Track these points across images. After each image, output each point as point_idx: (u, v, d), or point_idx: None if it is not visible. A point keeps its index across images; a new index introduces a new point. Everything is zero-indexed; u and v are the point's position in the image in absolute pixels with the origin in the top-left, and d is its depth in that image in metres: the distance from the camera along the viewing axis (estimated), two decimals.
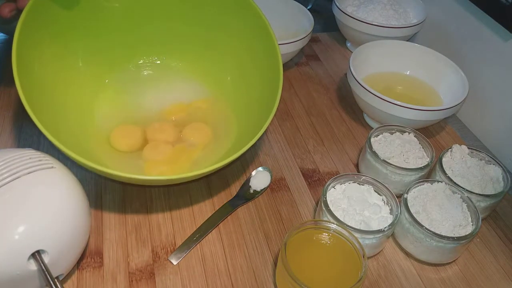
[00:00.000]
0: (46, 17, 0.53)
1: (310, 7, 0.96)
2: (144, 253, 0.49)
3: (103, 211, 0.53)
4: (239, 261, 0.50)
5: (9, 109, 0.64)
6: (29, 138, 0.61)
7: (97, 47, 0.61)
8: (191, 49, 0.66)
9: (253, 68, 0.61)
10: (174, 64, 0.67)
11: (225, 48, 0.63)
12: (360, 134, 0.68)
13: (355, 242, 0.45)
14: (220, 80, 0.65)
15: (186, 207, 0.54)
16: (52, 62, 0.55)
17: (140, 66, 0.66)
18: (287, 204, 0.56)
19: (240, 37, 0.61)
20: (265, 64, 0.58)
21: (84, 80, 0.60)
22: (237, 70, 0.63)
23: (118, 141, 0.58)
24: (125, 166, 0.55)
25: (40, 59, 0.52)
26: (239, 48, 0.62)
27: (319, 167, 0.62)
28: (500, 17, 0.64)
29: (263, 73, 0.59)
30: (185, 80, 0.66)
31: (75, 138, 0.53)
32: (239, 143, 0.52)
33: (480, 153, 0.58)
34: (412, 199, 0.52)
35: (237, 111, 0.62)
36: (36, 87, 0.50)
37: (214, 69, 0.65)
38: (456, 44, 0.75)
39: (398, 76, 0.73)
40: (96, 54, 0.61)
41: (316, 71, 0.80)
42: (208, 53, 0.65)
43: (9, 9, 0.51)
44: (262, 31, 0.57)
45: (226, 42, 0.63)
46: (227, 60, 0.64)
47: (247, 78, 0.62)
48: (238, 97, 0.62)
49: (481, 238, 0.55)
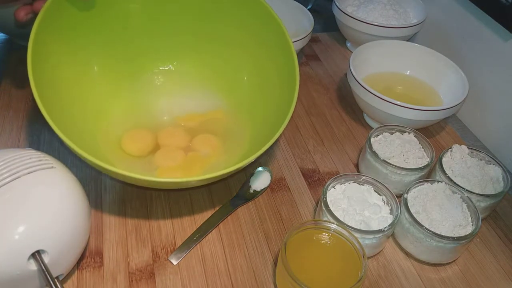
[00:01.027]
0: (62, 21, 0.52)
1: (310, 7, 0.96)
2: (144, 253, 0.49)
3: (103, 211, 0.53)
4: (239, 261, 0.50)
5: (9, 109, 0.64)
6: (29, 138, 0.61)
7: (112, 54, 0.61)
8: (208, 59, 0.65)
9: (270, 77, 0.60)
10: (189, 71, 0.66)
11: (241, 56, 0.63)
12: (360, 134, 0.68)
13: (355, 242, 0.45)
14: (235, 89, 0.64)
15: (186, 207, 0.54)
16: (67, 66, 0.54)
17: (155, 73, 0.65)
18: (287, 204, 0.56)
19: (259, 44, 0.61)
20: (283, 73, 0.57)
21: (98, 85, 0.59)
22: (254, 76, 0.63)
23: (129, 145, 0.58)
24: (136, 170, 0.54)
25: (54, 63, 0.52)
26: (256, 55, 0.61)
27: (319, 167, 0.62)
28: (500, 17, 0.64)
29: (281, 80, 0.58)
30: (200, 88, 0.65)
31: (84, 141, 0.53)
32: (252, 150, 0.51)
33: (480, 153, 0.58)
34: (412, 199, 0.52)
35: (252, 120, 0.61)
36: (49, 88, 0.50)
37: (230, 76, 0.64)
38: (456, 44, 0.75)
39: (398, 76, 0.73)
40: (112, 60, 0.61)
41: (316, 71, 0.80)
42: (224, 64, 0.64)
43: (25, 12, 0.50)
44: (280, 38, 0.57)
45: (242, 47, 0.62)
46: (243, 66, 0.63)
47: (264, 87, 0.61)
48: (253, 107, 0.62)
49: (481, 238, 0.55)
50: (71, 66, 0.55)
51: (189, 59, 0.65)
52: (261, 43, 0.60)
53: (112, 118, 0.60)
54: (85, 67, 0.58)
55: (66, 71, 0.54)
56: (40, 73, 0.47)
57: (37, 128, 0.62)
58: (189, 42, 0.64)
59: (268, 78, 0.60)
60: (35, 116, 0.64)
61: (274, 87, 0.59)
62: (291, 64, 0.55)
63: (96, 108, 0.58)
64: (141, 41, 0.62)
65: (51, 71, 0.51)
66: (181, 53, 0.65)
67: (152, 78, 0.65)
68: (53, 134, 0.60)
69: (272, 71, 0.59)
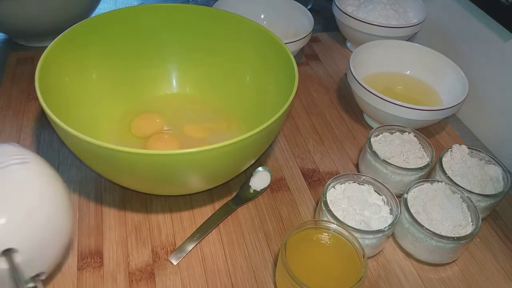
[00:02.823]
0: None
1: (310, 7, 0.95)
2: (144, 253, 0.49)
3: (103, 211, 0.53)
4: (239, 261, 0.50)
5: (9, 109, 0.64)
6: (29, 138, 0.61)
7: (117, 78, 0.63)
8: (209, 79, 0.66)
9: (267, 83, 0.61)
10: (191, 92, 0.67)
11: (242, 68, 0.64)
12: (360, 134, 0.68)
13: (355, 242, 0.45)
14: (234, 97, 0.65)
15: (186, 207, 0.54)
16: (73, 81, 0.57)
17: (160, 97, 0.66)
18: (287, 204, 0.56)
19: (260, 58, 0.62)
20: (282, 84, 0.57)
21: (101, 101, 0.61)
22: (252, 87, 0.64)
23: (138, 123, 0.61)
24: None
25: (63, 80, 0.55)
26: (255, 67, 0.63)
27: (319, 167, 0.62)
28: (500, 17, 0.64)
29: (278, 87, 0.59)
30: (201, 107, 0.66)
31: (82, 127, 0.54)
32: None
33: (480, 153, 0.58)
34: (412, 199, 0.52)
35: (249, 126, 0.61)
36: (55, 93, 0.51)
37: (229, 86, 0.65)
38: (456, 44, 0.75)
39: (398, 76, 0.73)
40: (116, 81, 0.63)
41: (316, 71, 0.80)
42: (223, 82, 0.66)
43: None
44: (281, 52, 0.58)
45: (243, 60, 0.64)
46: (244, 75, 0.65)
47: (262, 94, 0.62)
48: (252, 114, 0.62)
49: (481, 238, 0.55)
50: (77, 81, 0.57)
51: (192, 85, 0.67)
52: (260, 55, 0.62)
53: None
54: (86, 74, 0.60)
55: (71, 85, 0.56)
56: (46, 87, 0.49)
57: (37, 128, 0.62)
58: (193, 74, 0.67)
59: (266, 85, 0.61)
60: (35, 116, 0.64)
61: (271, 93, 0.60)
62: (291, 71, 0.55)
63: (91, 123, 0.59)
64: (149, 72, 0.65)
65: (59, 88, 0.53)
66: (187, 80, 0.67)
67: (156, 99, 0.66)
68: (53, 134, 0.61)
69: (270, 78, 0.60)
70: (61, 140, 0.59)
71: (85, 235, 0.50)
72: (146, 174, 0.45)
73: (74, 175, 0.56)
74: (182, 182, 0.49)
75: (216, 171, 0.49)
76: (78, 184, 0.55)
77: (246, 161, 0.51)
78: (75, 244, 0.49)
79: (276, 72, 0.58)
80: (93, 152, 0.44)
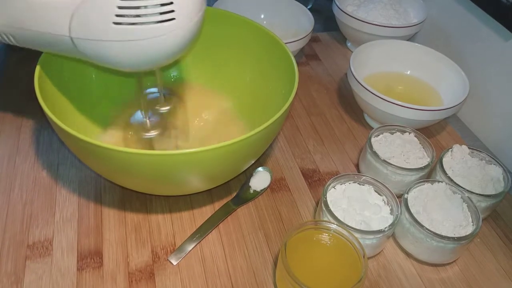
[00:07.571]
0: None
1: (310, 6, 0.95)
2: (144, 253, 0.49)
3: (103, 211, 0.53)
4: (239, 261, 0.49)
5: (9, 108, 0.64)
6: (29, 138, 0.60)
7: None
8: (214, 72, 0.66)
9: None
10: (191, 92, 0.67)
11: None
12: (360, 134, 0.68)
13: (355, 242, 0.45)
14: (238, 93, 0.65)
15: (186, 207, 0.54)
16: (73, 81, 0.57)
17: None
18: (287, 204, 0.56)
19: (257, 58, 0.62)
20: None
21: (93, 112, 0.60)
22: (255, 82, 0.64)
23: None
24: None
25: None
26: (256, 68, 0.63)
27: (319, 167, 0.62)
28: (501, 17, 0.64)
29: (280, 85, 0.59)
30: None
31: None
32: None
33: (480, 153, 0.58)
34: (413, 199, 0.52)
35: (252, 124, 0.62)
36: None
37: (233, 82, 0.65)
38: (456, 44, 0.75)
39: (398, 76, 0.73)
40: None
41: (316, 70, 0.80)
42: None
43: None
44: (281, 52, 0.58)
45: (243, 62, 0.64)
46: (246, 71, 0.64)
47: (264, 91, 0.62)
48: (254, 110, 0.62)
49: (482, 238, 0.55)
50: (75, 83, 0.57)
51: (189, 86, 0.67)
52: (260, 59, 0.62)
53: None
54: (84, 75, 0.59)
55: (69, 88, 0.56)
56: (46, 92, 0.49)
57: (37, 128, 0.62)
58: None
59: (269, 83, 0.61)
60: (35, 116, 0.63)
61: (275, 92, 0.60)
62: (291, 71, 0.55)
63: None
64: None
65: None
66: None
67: None
68: (53, 134, 0.61)
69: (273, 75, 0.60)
70: (60, 140, 0.59)
71: (85, 235, 0.50)
72: (146, 174, 0.45)
73: (74, 175, 0.56)
74: (182, 182, 0.49)
75: (216, 171, 0.49)
76: (78, 184, 0.55)
77: (246, 161, 0.51)
78: (75, 244, 0.49)
79: (276, 72, 0.58)
80: (93, 152, 0.44)
